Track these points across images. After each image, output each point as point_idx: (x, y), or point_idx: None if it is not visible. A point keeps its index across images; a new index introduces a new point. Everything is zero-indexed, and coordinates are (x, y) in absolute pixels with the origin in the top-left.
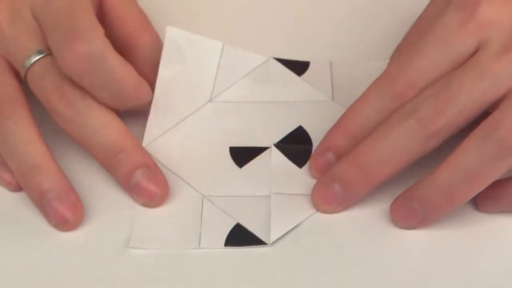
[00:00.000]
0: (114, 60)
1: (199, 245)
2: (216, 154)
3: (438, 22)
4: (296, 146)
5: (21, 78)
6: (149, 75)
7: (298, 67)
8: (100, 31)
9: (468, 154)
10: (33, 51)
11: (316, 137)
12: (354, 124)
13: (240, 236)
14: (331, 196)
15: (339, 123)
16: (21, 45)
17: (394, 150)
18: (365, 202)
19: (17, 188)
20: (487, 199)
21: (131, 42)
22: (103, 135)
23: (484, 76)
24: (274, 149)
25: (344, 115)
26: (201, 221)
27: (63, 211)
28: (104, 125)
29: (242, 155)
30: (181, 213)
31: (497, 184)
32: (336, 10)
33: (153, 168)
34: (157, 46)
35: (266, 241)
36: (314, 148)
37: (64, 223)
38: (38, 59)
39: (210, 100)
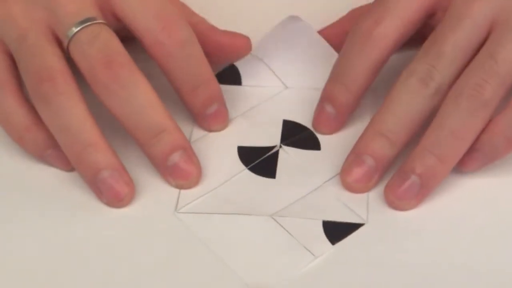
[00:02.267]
0: None
1: (315, 255)
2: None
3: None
4: (298, 136)
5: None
6: (222, 39)
7: (233, 76)
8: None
9: (446, 116)
10: (81, 18)
11: (304, 122)
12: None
13: (338, 230)
14: (363, 171)
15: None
16: (69, 11)
17: (406, 112)
18: None
19: (71, 168)
20: (467, 156)
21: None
22: (146, 114)
23: (462, 22)
24: (285, 148)
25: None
26: (293, 237)
27: (119, 189)
28: (148, 104)
29: (262, 169)
30: (269, 244)
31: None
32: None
33: (189, 151)
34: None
35: (363, 221)
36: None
37: (118, 201)
38: (86, 26)
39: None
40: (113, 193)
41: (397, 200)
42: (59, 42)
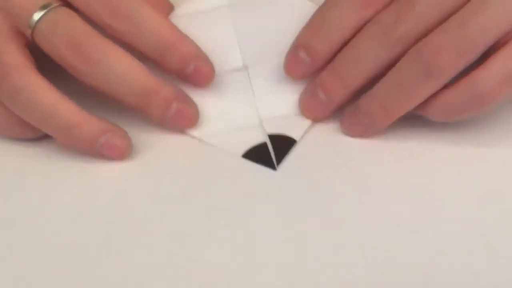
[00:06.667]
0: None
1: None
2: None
3: None
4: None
5: (28, 40)
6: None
7: None
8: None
9: (400, 72)
10: (37, 7)
11: None
12: (327, 28)
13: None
14: (316, 102)
15: (311, 24)
16: (24, 4)
17: (364, 57)
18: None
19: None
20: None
21: None
22: (130, 81)
23: None
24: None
25: (315, 16)
26: None
27: (118, 150)
28: (127, 71)
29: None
30: None
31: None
32: None
33: (183, 97)
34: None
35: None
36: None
37: (121, 157)
38: (44, 15)
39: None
40: (115, 154)
41: (347, 130)
42: (23, 37)
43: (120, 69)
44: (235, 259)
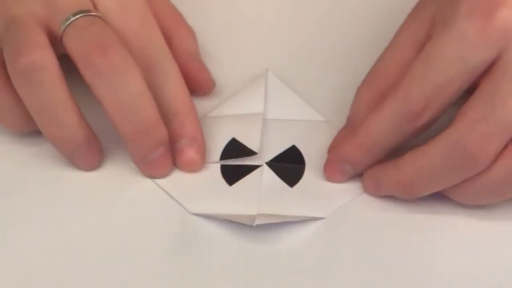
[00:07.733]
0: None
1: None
2: (206, 170)
3: (452, 31)
4: (288, 165)
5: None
6: (187, 67)
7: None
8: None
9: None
10: (78, 9)
11: (309, 157)
12: (370, 139)
13: None
14: (342, 173)
15: (355, 136)
16: (67, 4)
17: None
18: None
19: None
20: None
21: (169, 34)
22: (136, 104)
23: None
24: (265, 167)
25: (360, 129)
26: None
27: (92, 161)
28: (139, 94)
29: (233, 173)
30: None
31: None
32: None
33: (169, 147)
34: (194, 39)
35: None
36: (306, 167)
37: (92, 169)
38: (84, 15)
39: (204, 116)
40: (89, 164)
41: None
42: (48, 32)
43: (133, 89)
44: None
